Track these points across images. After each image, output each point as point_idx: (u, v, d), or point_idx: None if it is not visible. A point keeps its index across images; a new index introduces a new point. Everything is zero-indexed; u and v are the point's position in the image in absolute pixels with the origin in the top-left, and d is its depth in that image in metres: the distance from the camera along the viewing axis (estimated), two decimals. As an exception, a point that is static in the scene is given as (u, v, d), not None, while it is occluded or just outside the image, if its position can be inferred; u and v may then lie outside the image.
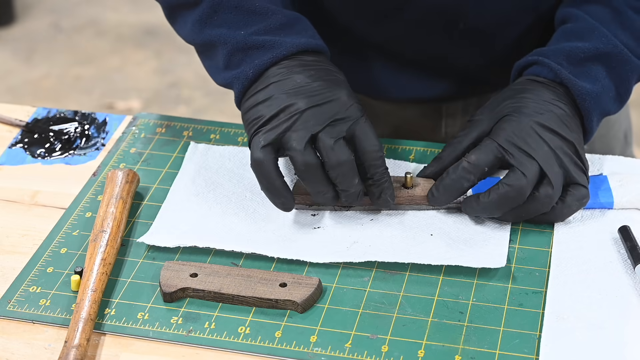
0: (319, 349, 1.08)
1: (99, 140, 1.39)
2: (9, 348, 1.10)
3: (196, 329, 1.11)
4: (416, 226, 1.21)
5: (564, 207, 1.18)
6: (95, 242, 1.17)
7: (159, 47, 3.57)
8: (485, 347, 1.07)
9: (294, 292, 1.12)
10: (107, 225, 1.19)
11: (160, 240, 1.19)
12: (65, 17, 3.75)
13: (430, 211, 1.22)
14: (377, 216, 1.22)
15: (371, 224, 1.21)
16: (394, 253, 1.17)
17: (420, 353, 1.07)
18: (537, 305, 1.12)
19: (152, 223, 1.24)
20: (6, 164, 1.36)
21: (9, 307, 1.14)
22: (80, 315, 1.08)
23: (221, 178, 1.28)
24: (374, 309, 1.12)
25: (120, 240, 1.19)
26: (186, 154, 1.32)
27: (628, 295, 1.12)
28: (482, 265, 1.15)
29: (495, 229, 1.20)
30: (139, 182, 1.28)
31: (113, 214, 1.21)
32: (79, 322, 1.08)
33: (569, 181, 1.18)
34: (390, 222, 1.21)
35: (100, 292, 1.12)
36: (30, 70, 3.50)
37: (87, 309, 1.09)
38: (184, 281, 1.14)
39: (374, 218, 1.22)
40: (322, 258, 1.17)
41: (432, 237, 1.19)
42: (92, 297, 1.11)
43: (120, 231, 1.20)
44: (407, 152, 1.33)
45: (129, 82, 3.43)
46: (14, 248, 1.22)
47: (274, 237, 1.20)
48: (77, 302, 1.10)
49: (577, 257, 1.17)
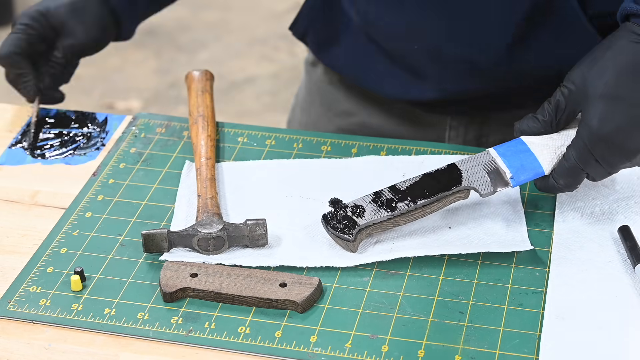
0: (319, 349, 1.08)
1: (99, 140, 1.39)
2: (9, 348, 1.10)
3: (196, 329, 1.11)
4: (432, 221, 1.21)
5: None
6: (197, 124, 1.35)
7: (158, 47, 3.57)
8: (485, 347, 1.07)
9: (294, 292, 1.12)
10: (202, 110, 1.37)
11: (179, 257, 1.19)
12: (65, 17, 3.75)
13: (441, 210, 1.22)
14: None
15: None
16: (419, 247, 1.18)
17: (420, 353, 1.07)
18: (537, 305, 1.12)
19: (152, 223, 1.24)
20: (6, 164, 1.36)
21: (9, 307, 1.14)
22: (205, 176, 1.27)
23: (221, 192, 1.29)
24: (374, 309, 1.12)
25: (215, 123, 1.38)
26: (182, 172, 1.32)
27: (628, 295, 1.12)
28: (509, 249, 1.16)
29: (509, 216, 1.22)
30: (214, 79, 1.43)
31: (205, 102, 1.38)
32: (205, 181, 1.26)
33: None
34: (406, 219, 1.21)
35: (213, 159, 1.30)
36: (30, 70, 3.49)
37: (208, 172, 1.28)
38: (184, 281, 1.14)
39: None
40: (350, 262, 1.17)
41: (450, 230, 1.20)
42: (209, 163, 1.29)
43: (214, 115, 1.38)
44: (408, 151, 1.34)
45: (129, 82, 3.43)
46: (14, 248, 1.22)
47: (294, 246, 1.20)
48: (197, 168, 1.29)
49: (577, 257, 1.17)
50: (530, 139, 1.20)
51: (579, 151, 1.16)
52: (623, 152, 1.16)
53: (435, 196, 1.18)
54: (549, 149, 1.19)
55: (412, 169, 1.30)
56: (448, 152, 1.33)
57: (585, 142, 1.16)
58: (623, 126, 1.15)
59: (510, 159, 1.19)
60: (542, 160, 1.19)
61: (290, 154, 1.34)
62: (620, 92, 1.15)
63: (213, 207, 1.22)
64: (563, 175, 1.18)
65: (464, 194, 1.19)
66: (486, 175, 1.19)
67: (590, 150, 1.16)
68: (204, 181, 1.26)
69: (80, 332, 1.12)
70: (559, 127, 1.20)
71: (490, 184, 1.19)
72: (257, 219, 1.19)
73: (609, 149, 1.16)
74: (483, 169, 1.19)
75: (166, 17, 3.70)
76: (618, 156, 1.16)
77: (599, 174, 1.18)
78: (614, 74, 1.16)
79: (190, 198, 1.27)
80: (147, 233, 1.18)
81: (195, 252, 1.19)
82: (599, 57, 1.18)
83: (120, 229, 1.24)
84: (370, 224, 1.17)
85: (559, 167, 1.18)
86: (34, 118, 1.42)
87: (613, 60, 1.17)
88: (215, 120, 1.37)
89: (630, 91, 1.16)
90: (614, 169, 1.18)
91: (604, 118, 1.15)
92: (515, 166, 1.19)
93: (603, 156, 1.16)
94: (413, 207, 1.17)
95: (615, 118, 1.15)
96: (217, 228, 1.19)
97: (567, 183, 1.18)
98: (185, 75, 1.42)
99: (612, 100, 1.16)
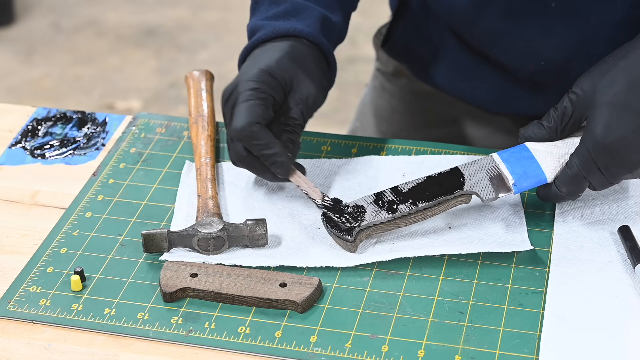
0: (319, 349, 1.08)
1: (99, 140, 1.39)
2: (9, 348, 1.10)
3: (196, 329, 1.11)
4: (432, 221, 1.21)
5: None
6: (197, 124, 1.35)
7: (158, 47, 3.57)
8: (485, 347, 1.07)
9: (294, 292, 1.12)
10: (202, 111, 1.36)
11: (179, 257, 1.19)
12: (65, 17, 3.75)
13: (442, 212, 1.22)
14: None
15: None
16: (419, 247, 1.18)
17: (420, 353, 1.07)
18: (537, 305, 1.12)
19: (152, 223, 1.24)
20: (6, 164, 1.36)
21: (9, 307, 1.14)
22: (206, 176, 1.27)
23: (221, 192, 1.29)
24: (374, 309, 1.12)
25: (215, 122, 1.37)
26: (182, 172, 1.32)
27: (628, 295, 1.12)
28: (509, 249, 1.16)
29: (509, 216, 1.22)
30: (214, 79, 1.43)
31: (205, 102, 1.37)
32: (205, 181, 1.26)
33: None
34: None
35: (213, 159, 1.30)
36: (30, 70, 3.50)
37: (208, 172, 1.27)
38: (184, 281, 1.14)
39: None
40: (350, 262, 1.17)
41: (450, 230, 1.20)
42: (209, 163, 1.29)
43: (214, 115, 1.37)
44: (408, 151, 1.34)
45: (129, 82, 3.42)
46: (14, 248, 1.22)
47: (294, 246, 1.20)
48: (197, 168, 1.28)
49: (577, 257, 1.17)
50: (534, 146, 1.20)
51: (582, 159, 1.16)
52: (626, 163, 1.16)
53: (437, 200, 1.18)
54: (553, 156, 1.19)
55: (412, 169, 1.30)
56: (448, 152, 1.33)
57: (589, 150, 1.15)
58: (628, 135, 1.14)
59: (513, 165, 1.19)
60: (545, 167, 1.18)
61: (290, 154, 1.34)
62: (629, 101, 1.14)
63: (213, 207, 1.22)
64: (565, 183, 1.18)
65: (465, 199, 1.19)
66: (488, 180, 1.19)
67: (594, 158, 1.15)
68: (204, 181, 1.26)
69: (80, 332, 1.12)
70: (564, 134, 1.19)
71: (492, 190, 1.18)
72: (257, 219, 1.19)
73: (613, 159, 1.15)
74: (486, 174, 1.19)
75: (166, 17, 3.72)
76: (621, 167, 1.16)
77: (601, 184, 1.18)
78: (626, 83, 1.15)
79: (190, 198, 1.27)
80: (147, 233, 1.18)
81: (195, 252, 1.19)
82: (611, 65, 1.17)
83: (120, 229, 1.24)
84: (371, 225, 1.17)
85: (562, 175, 1.18)
86: (319, 200, 1.20)
87: (626, 71, 1.16)
88: (215, 120, 1.37)
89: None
90: (616, 180, 1.17)
91: (609, 125, 1.15)
92: (518, 173, 1.18)
93: (606, 165, 1.15)
94: (414, 210, 1.17)
95: (621, 126, 1.14)
96: (217, 228, 1.19)
97: (570, 191, 1.18)
98: (185, 76, 1.43)
99: (620, 109, 1.15)
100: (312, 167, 1.31)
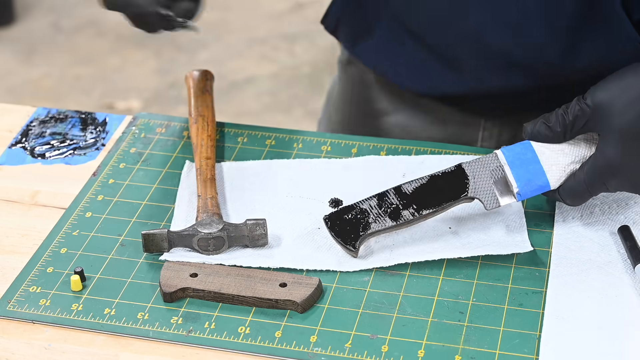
0: (319, 349, 1.08)
1: (99, 140, 1.39)
2: (9, 348, 1.10)
3: (196, 329, 1.11)
4: (432, 221, 1.21)
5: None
6: (197, 124, 1.35)
7: (158, 47, 3.57)
8: (485, 347, 1.07)
9: (294, 292, 1.12)
10: (202, 111, 1.37)
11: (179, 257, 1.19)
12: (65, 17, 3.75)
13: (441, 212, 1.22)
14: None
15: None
16: (420, 252, 1.17)
17: (420, 353, 1.07)
18: (537, 305, 1.12)
19: (152, 223, 1.24)
20: (6, 164, 1.36)
21: (9, 307, 1.14)
22: (205, 176, 1.27)
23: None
24: (374, 309, 1.12)
25: (215, 122, 1.37)
26: (182, 172, 1.32)
27: (628, 295, 1.12)
28: (509, 251, 1.16)
29: (509, 217, 1.22)
30: (214, 79, 1.43)
31: (205, 102, 1.38)
32: (205, 181, 1.26)
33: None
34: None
35: (213, 159, 1.30)
36: (30, 70, 3.50)
37: (208, 172, 1.28)
38: (184, 281, 1.14)
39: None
40: (349, 267, 1.17)
41: (450, 231, 1.20)
42: (209, 163, 1.29)
43: (214, 115, 1.37)
44: (408, 151, 1.34)
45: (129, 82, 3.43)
46: (14, 248, 1.22)
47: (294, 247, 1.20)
48: (197, 168, 1.28)
49: (577, 257, 1.17)
50: (540, 148, 1.18)
51: (592, 179, 1.15)
52: (637, 188, 1.16)
53: (441, 206, 1.18)
54: (559, 166, 1.18)
55: (412, 169, 1.30)
56: (448, 152, 1.33)
57: (599, 171, 1.15)
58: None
59: (518, 171, 1.18)
60: (551, 177, 1.18)
61: (290, 154, 1.34)
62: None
63: (213, 207, 1.22)
64: (570, 195, 1.17)
65: (468, 200, 1.19)
66: (493, 184, 1.18)
67: (604, 181, 1.15)
68: (204, 181, 1.27)
69: (80, 332, 1.12)
70: (570, 138, 1.18)
71: (496, 197, 1.18)
72: (257, 219, 1.19)
73: (623, 184, 1.15)
74: (490, 176, 1.19)
75: (166, 17, 3.71)
76: (631, 190, 1.16)
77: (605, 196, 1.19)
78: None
79: (190, 198, 1.27)
80: (147, 233, 1.18)
81: (195, 252, 1.19)
82: (632, 84, 1.13)
83: (120, 229, 1.24)
84: (374, 232, 1.17)
85: (568, 187, 1.17)
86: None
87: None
88: (215, 120, 1.37)
89: None
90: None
91: (624, 153, 1.13)
92: (523, 180, 1.17)
93: (616, 187, 1.16)
94: (418, 217, 1.17)
95: (636, 154, 1.13)
96: (217, 228, 1.19)
97: (573, 202, 1.18)
98: (185, 75, 1.43)
99: (637, 136, 1.13)
100: (312, 167, 1.31)
